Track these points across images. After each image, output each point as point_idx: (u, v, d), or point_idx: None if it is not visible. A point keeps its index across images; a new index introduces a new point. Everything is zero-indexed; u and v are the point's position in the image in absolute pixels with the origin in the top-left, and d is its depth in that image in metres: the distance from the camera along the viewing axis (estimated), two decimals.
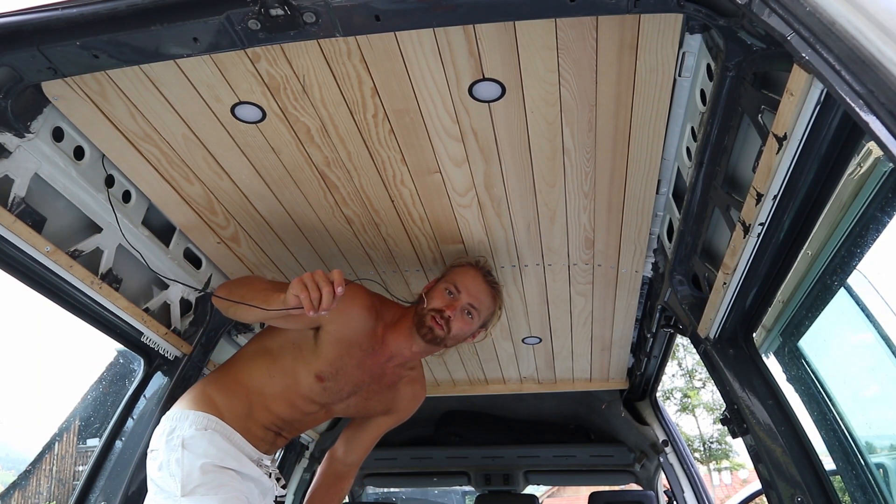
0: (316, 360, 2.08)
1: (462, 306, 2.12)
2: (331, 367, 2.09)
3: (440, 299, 2.12)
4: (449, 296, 2.12)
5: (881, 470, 2.27)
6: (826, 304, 2.02)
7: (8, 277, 1.85)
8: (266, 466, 2.13)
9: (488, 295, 2.18)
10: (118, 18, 1.41)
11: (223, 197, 2.14)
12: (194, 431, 1.94)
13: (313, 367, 2.08)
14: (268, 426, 2.11)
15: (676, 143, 1.88)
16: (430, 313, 2.10)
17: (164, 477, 1.88)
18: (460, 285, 2.14)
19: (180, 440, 1.91)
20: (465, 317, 2.13)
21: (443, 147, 1.88)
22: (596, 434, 4.27)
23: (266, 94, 1.69)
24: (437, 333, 2.09)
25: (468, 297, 2.13)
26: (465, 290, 2.13)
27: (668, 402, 22.25)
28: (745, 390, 2.05)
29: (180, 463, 1.87)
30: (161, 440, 1.95)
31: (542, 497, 21.04)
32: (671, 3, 1.29)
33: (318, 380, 2.09)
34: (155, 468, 1.92)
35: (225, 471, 1.93)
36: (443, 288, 2.15)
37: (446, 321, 2.09)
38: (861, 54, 0.89)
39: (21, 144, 1.72)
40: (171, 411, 2.05)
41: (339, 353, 2.08)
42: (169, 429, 1.97)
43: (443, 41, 1.53)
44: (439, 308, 2.10)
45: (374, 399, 2.26)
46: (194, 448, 1.91)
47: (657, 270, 2.45)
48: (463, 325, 2.13)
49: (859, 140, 1.35)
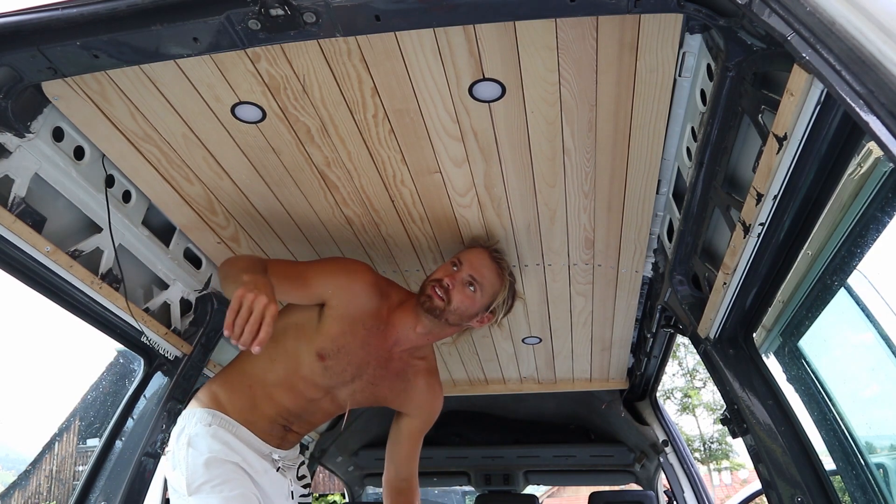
0: (318, 337, 2.05)
1: (463, 278, 2.08)
2: (333, 345, 2.05)
3: (442, 271, 2.12)
4: (452, 268, 2.11)
5: (881, 470, 2.27)
6: (826, 304, 2.02)
7: (8, 277, 1.85)
8: (275, 461, 2.10)
9: (492, 271, 2.13)
10: (118, 18, 1.41)
11: (223, 197, 2.14)
12: (199, 428, 1.95)
13: (315, 344, 2.05)
14: (274, 418, 2.08)
15: (676, 143, 1.88)
16: (431, 283, 2.09)
17: (177, 476, 1.90)
18: (464, 259, 2.12)
19: (187, 438, 1.94)
20: (466, 289, 2.08)
21: (443, 147, 1.88)
22: (596, 434, 4.27)
23: (266, 94, 1.69)
24: (437, 303, 2.05)
25: (470, 268, 2.09)
26: (468, 263, 2.11)
27: (668, 402, 22.27)
28: (745, 390, 2.05)
29: (186, 461, 1.89)
30: (173, 440, 1.99)
31: (542, 497, 21.04)
32: (671, 3, 1.29)
33: (320, 358, 2.05)
34: (170, 468, 1.95)
35: (230, 465, 1.93)
36: (448, 263, 2.15)
37: (445, 290, 2.05)
38: (861, 54, 0.89)
39: (21, 144, 1.72)
40: (184, 411, 2.08)
41: (342, 330, 2.05)
42: (179, 428, 2.00)
43: (443, 41, 1.53)
44: (439, 277, 2.08)
45: (383, 385, 2.19)
46: (199, 445, 1.92)
47: (657, 270, 2.46)
48: (464, 298, 2.07)
49: (859, 140, 1.35)
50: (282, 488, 2.11)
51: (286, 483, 2.13)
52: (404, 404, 2.30)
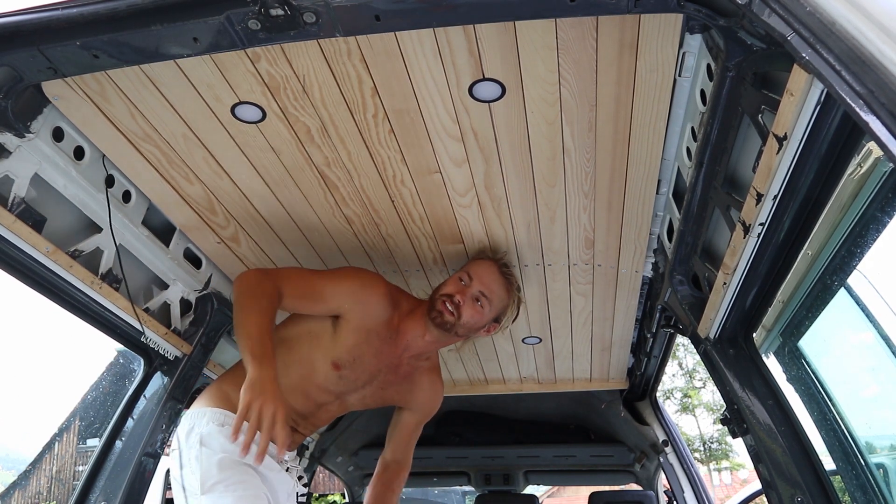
0: (334, 347, 2.10)
1: (473, 294, 2.15)
2: (349, 355, 2.11)
3: (452, 285, 2.17)
4: (461, 283, 2.17)
5: (881, 470, 2.27)
6: (826, 304, 2.02)
7: (8, 277, 1.85)
8: (284, 461, 2.13)
9: (501, 286, 2.20)
10: (118, 18, 1.41)
11: (223, 197, 2.14)
12: (211, 428, 1.96)
13: (330, 354, 2.10)
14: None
15: (676, 143, 1.88)
16: (441, 298, 2.14)
17: (186, 475, 1.90)
18: (473, 273, 2.18)
19: (198, 437, 1.94)
20: (475, 305, 2.15)
21: (443, 147, 1.88)
22: (596, 434, 4.27)
23: (266, 94, 1.69)
24: (447, 318, 2.12)
25: (480, 284, 2.16)
26: (478, 279, 2.16)
27: (668, 402, 22.27)
28: (745, 390, 2.05)
29: (199, 460, 1.89)
30: (182, 438, 1.98)
31: (542, 497, 21.04)
32: (671, 3, 1.29)
33: (335, 367, 2.10)
34: (177, 466, 1.94)
35: (243, 465, 1.93)
36: (457, 276, 2.20)
37: (456, 306, 2.12)
38: (861, 54, 0.89)
39: (21, 144, 1.72)
40: (190, 410, 2.08)
41: (357, 341, 2.10)
42: (188, 427, 1.99)
43: (443, 41, 1.53)
44: (450, 293, 2.14)
45: (391, 389, 2.27)
46: (212, 444, 1.92)
47: (657, 270, 2.45)
48: (474, 312, 2.15)
49: (859, 140, 1.35)
50: (289, 488, 2.14)
51: (292, 483, 2.15)
52: (409, 402, 2.40)
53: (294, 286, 2.07)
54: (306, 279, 2.16)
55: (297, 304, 2.12)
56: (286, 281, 2.05)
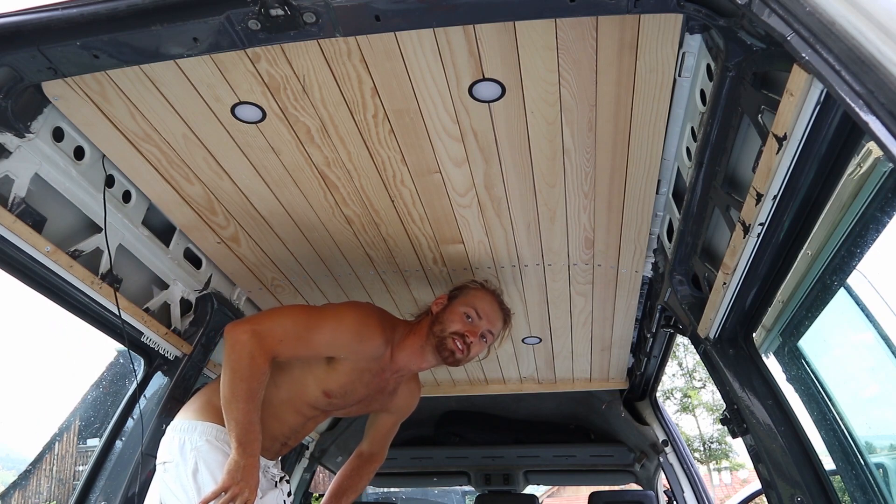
0: (326, 379, 2.13)
1: (482, 332, 2.20)
2: (340, 389, 2.15)
3: (461, 323, 2.17)
4: (468, 320, 2.18)
5: (881, 470, 2.27)
6: (826, 304, 2.02)
7: (8, 277, 1.85)
8: (273, 475, 2.17)
9: (501, 319, 2.29)
10: (118, 18, 1.41)
11: (223, 197, 2.14)
12: (206, 444, 1.96)
13: (322, 384, 2.14)
14: (276, 436, 2.15)
15: (676, 143, 1.88)
16: (452, 336, 2.16)
17: (182, 490, 1.90)
18: (481, 311, 2.21)
19: (195, 453, 1.94)
20: (482, 342, 2.22)
21: (443, 147, 1.88)
22: (596, 434, 4.27)
23: (266, 94, 1.69)
24: (458, 357, 2.17)
25: (488, 323, 2.21)
26: (486, 317, 2.21)
27: (668, 402, 22.26)
28: (745, 390, 2.05)
29: (196, 475, 1.90)
30: (174, 452, 1.97)
31: (542, 497, 21.04)
32: (671, 4, 1.29)
33: (326, 396, 2.15)
34: (171, 480, 1.94)
35: None
36: (461, 311, 2.19)
37: (468, 346, 2.16)
38: (861, 54, 0.89)
39: (21, 144, 1.72)
40: (176, 422, 2.06)
41: (350, 380, 2.14)
42: (179, 441, 1.98)
43: (443, 41, 1.53)
44: (461, 332, 2.16)
45: (375, 403, 2.38)
46: (209, 461, 1.93)
47: (657, 270, 2.46)
48: (480, 348, 2.23)
49: (859, 140, 1.35)
50: (279, 500, 2.18)
51: (282, 496, 2.19)
52: (388, 408, 2.48)
53: (288, 347, 2.02)
54: (301, 338, 2.05)
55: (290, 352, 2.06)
56: (280, 346, 1.99)
